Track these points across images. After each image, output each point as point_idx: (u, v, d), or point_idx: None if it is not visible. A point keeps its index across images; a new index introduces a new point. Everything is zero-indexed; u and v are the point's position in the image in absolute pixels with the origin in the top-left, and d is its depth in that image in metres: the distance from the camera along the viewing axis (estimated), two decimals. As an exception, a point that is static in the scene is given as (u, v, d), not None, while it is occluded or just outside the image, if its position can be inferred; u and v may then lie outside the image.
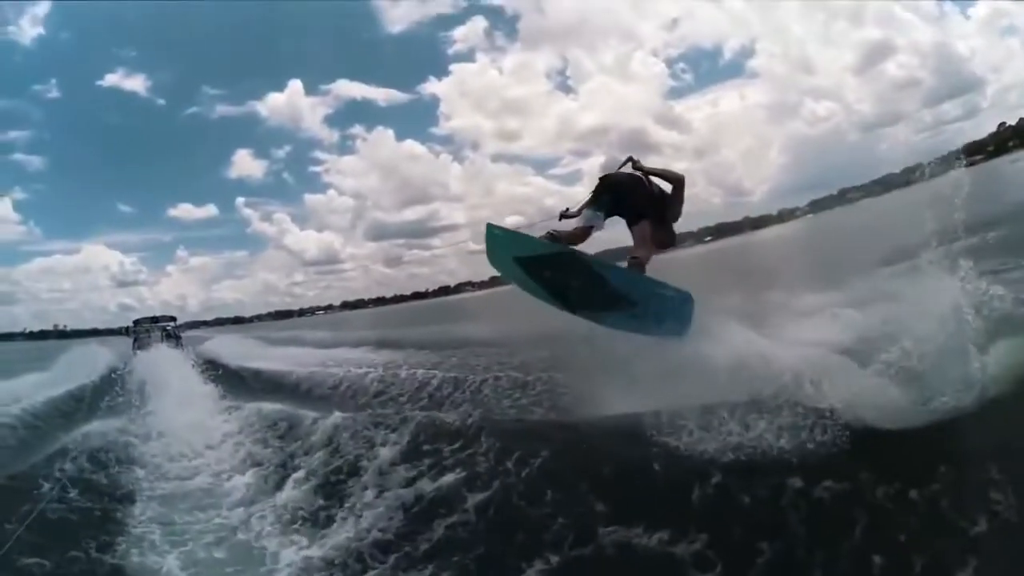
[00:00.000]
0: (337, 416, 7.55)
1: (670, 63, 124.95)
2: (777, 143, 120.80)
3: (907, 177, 6.36)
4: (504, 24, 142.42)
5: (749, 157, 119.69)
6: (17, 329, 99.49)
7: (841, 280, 8.08)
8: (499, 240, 6.66)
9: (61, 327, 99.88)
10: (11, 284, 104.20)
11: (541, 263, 6.45)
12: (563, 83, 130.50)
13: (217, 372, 15.81)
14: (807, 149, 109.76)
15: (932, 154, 5.92)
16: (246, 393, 12.76)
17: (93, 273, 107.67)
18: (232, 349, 23.33)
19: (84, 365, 19.56)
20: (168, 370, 16.96)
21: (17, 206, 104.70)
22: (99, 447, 8.12)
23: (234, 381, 14.95)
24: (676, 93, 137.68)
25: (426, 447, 5.99)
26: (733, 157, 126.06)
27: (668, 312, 5.99)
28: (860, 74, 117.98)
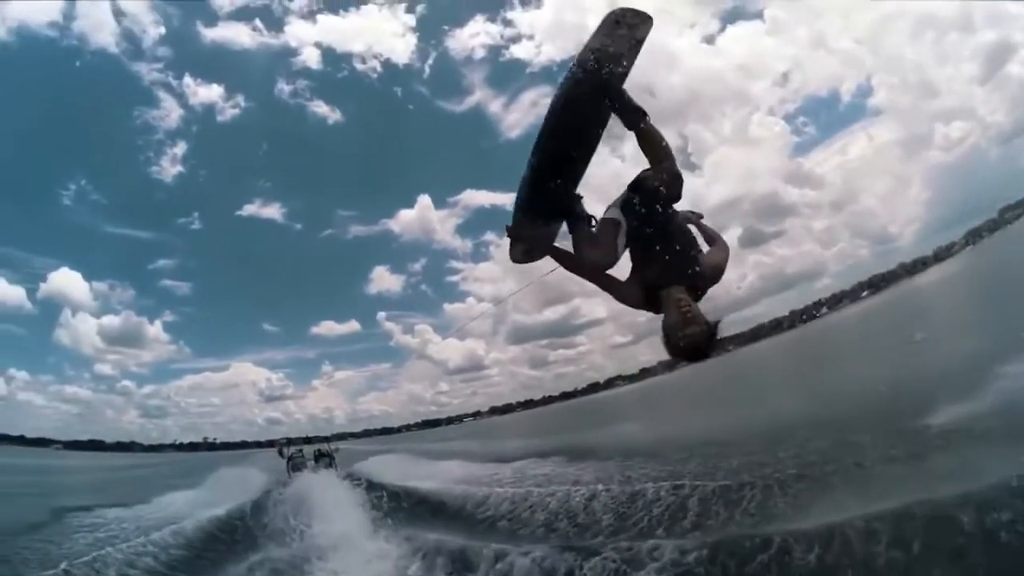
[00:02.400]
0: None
1: (789, 118, 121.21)
2: (917, 178, 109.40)
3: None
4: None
5: (890, 199, 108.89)
6: (167, 441, 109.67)
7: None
8: None
9: (210, 440, 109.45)
10: (162, 399, 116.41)
11: None
12: (686, 161, 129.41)
13: (378, 496, 14.79)
14: (949, 177, 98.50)
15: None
16: (411, 518, 11.89)
17: (241, 389, 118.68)
18: (389, 468, 22.51)
19: (237, 486, 19.58)
20: (326, 495, 16.15)
21: (167, 328, 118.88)
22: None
23: (396, 505, 13.86)
24: (802, 148, 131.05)
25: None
26: (873, 203, 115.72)
27: None
28: (985, 83, 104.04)
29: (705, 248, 3.73)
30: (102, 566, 8.46)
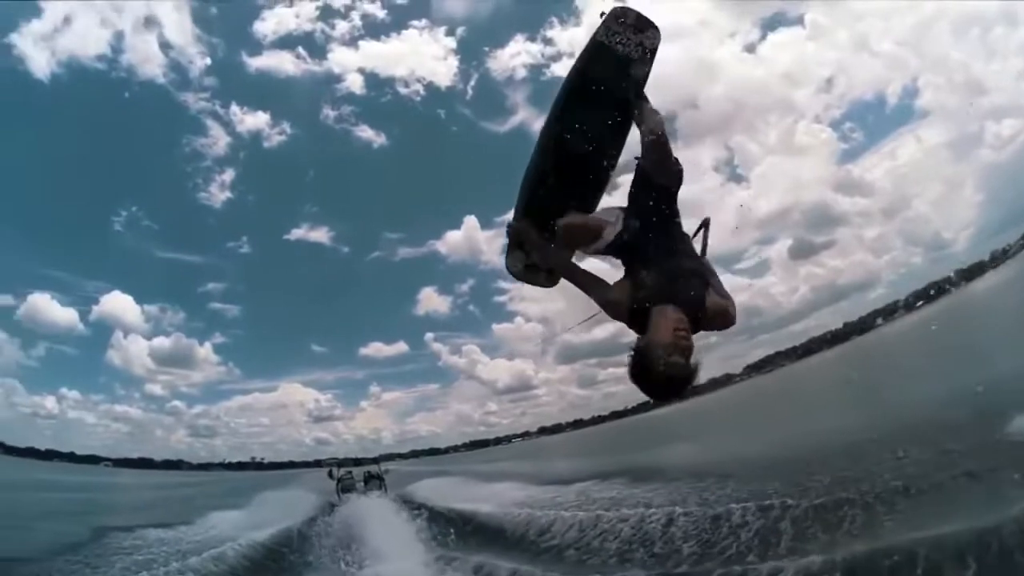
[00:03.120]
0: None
1: (836, 125, 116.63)
2: (969, 180, 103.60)
3: None
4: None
5: (943, 203, 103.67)
6: (216, 460, 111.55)
7: None
8: None
9: (258, 459, 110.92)
10: (211, 419, 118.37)
11: None
12: (733, 173, 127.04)
13: (433, 521, 14.41)
14: (1003, 177, 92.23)
15: None
16: (471, 544, 11.38)
17: (289, 409, 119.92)
18: (443, 491, 21.69)
19: (285, 508, 19.08)
20: (378, 521, 15.81)
21: (217, 349, 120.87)
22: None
23: (450, 528, 13.36)
24: (850, 155, 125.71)
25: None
26: (925, 208, 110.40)
27: None
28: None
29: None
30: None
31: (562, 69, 3.61)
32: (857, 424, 12.99)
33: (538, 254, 3.51)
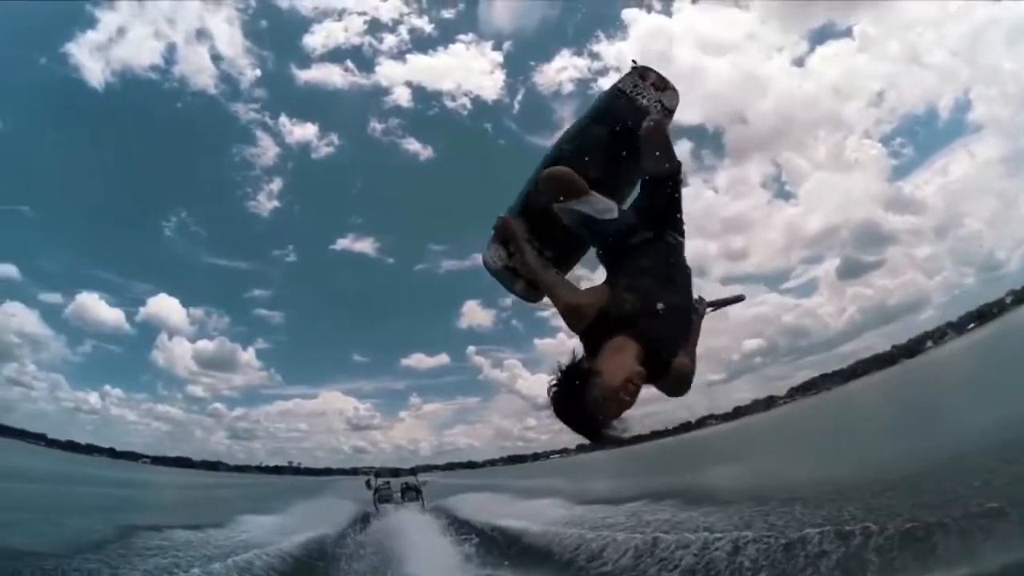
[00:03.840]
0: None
1: (886, 140, 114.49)
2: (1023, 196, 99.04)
3: None
4: (710, 141, 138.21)
5: (997, 221, 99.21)
6: (253, 463, 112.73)
7: None
8: None
9: (295, 464, 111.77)
10: (251, 423, 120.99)
11: None
12: (780, 189, 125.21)
13: (472, 537, 13.81)
14: None
15: None
16: (515, 566, 10.82)
17: (328, 416, 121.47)
18: (481, 506, 21.20)
19: (320, 516, 18.76)
20: (415, 534, 15.54)
21: (260, 355, 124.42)
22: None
23: (493, 547, 12.81)
24: (901, 172, 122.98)
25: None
26: (978, 226, 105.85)
27: None
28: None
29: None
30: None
31: (609, 84, 3.66)
32: (922, 446, 12.22)
33: (520, 255, 3.29)
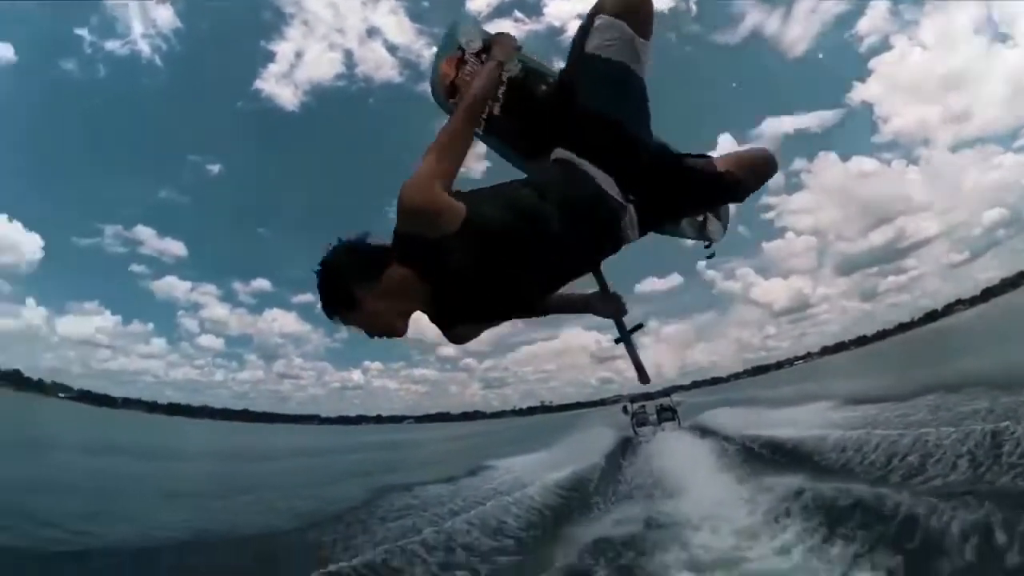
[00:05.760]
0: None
1: None
2: None
3: None
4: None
5: None
6: (508, 408, 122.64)
7: None
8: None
9: (547, 403, 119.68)
10: (501, 371, 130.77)
11: None
12: (995, 32, 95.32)
13: (733, 449, 14.48)
14: None
15: None
16: (777, 469, 10.68)
17: (572, 353, 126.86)
18: (736, 420, 20.90)
19: (585, 446, 19.98)
20: (678, 452, 16.44)
21: None
22: (627, 536, 7.31)
23: (752, 456, 13.12)
24: None
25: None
26: None
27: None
28: None
29: None
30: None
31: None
32: None
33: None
